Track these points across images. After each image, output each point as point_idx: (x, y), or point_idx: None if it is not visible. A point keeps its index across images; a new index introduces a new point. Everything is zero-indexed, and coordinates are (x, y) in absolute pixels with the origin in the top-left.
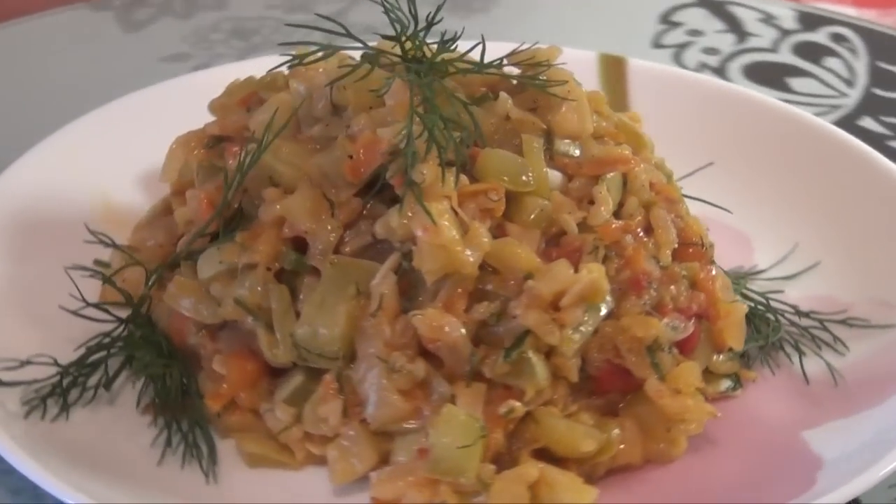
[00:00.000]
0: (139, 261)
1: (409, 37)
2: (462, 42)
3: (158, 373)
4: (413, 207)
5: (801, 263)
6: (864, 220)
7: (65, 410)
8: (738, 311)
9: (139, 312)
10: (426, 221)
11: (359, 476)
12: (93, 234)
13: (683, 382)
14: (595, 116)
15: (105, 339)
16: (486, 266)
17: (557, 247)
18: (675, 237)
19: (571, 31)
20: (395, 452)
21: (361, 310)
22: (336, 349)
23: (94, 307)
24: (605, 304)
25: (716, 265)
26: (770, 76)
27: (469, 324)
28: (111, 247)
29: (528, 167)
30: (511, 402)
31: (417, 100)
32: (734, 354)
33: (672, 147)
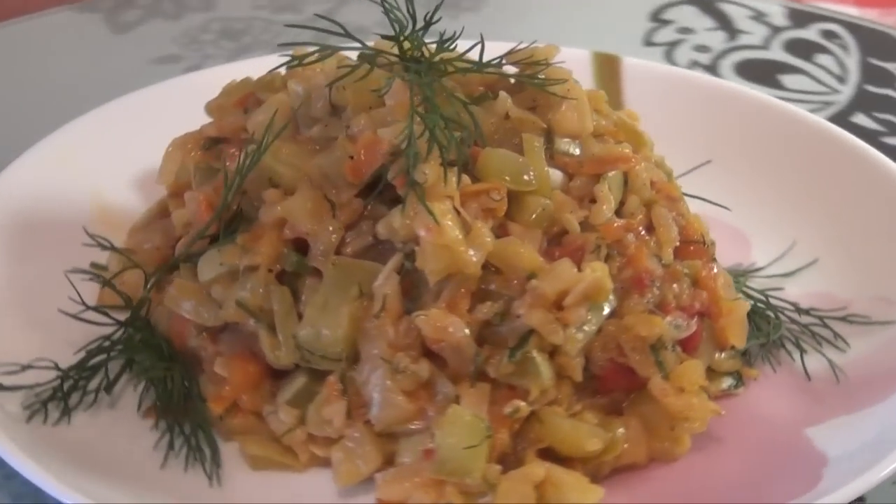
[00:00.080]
0: (138, 264)
1: (407, 36)
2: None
3: (159, 376)
4: (416, 208)
5: (800, 261)
6: (862, 217)
7: (66, 414)
8: (741, 309)
9: (138, 315)
10: (429, 221)
11: (364, 478)
12: (91, 237)
13: (687, 380)
14: (594, 115)
15: (105, 343)
16: (489, 266)
17: (559, 246)
18: (677, 235)
19: (562, 30)
20: (400, 454)
21: (364, 311)
22: (339, 350)
23: (94, 311)
24: (609, 303)
25: (717, 263)
26: (762, 73)
27: (473, 324)
28: (108, 250)
29: (530, 166)
30: (516, 402)
31: (417, 99)
32: (736, 352)
33: (667, 145)
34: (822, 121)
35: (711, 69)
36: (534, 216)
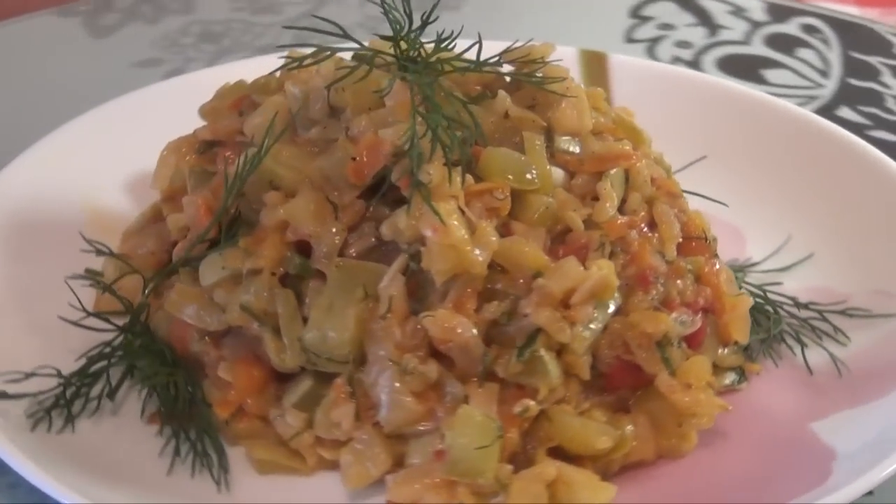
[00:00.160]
0: (137, 269)
1: (403, 36)
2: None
3: (162, 382)
4: (421, 208)
5: (795, 255)
6: (857, 212)
7: (70, 422)
8: (744, 305)
9: (137, 321)
10: (435, 222)
11: (374, 480)
12: (89, 243)
13: (694, 376)
14: (593, 112)
15: (105, 349)
16: (495, 265)
17: (563, 244)
18: (679, 231)
19: (543, 27)
20: (410, 455)
21: (370, 312)
22: (346, 353)
23: (95, 317)
24: (614, 301)
25: (719, 258)
26: (744, 69)
27: (480, 324)
28: (105, 255)
29: (532, 165)
30: (526, 401)
31: (418, 99)
32: (738, 347)
33: (657, 142)
34: (813, 115)
35: (694, 65)
36: (537, 215)
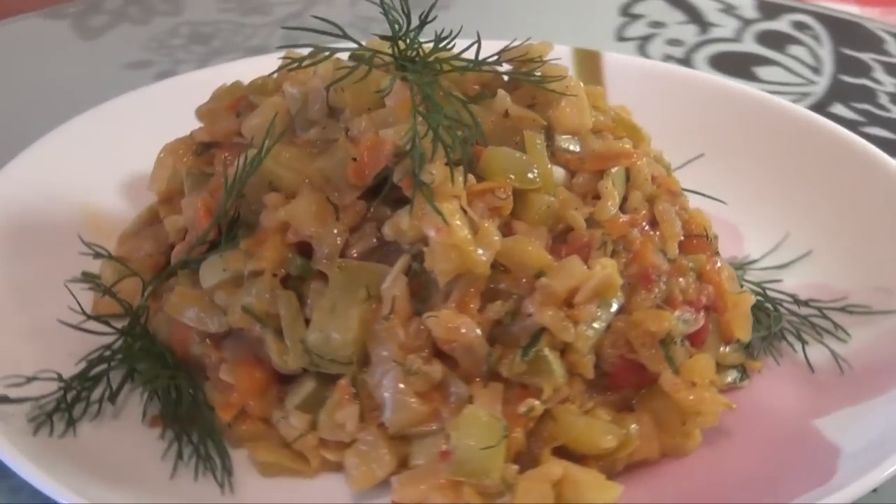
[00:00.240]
0: (136, 271)
1: (401, 36)
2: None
3: (164, 385)
4: (424, 208)
5: (793, 252)
6: (856, 208)
7: (72, 425)
8: (746, 302)
9: (137, 324)
10: (438, 222)
11: (379, 481)
12: (87, 246)
13: (698, 375)
14: (593, 111)
15: (105, 352)
16: (497, 265)
17: (565, 243)
18: (681, 230)
19: (533, 26)
20: (414, 456)
21: (373, 313)
22: (349, 354)
23: (95, 320)
24: (617, 300)
25: (720, 256)
26: (736, 66)
27: (484, 323)
28: (103, 258)
29: (533, 164)
30: (531, 401)
31: (418, 99)
32: (740, 345)
33: (653, 140)
34: (809, 112)
35: (685, 63)
36: (539, 214)
